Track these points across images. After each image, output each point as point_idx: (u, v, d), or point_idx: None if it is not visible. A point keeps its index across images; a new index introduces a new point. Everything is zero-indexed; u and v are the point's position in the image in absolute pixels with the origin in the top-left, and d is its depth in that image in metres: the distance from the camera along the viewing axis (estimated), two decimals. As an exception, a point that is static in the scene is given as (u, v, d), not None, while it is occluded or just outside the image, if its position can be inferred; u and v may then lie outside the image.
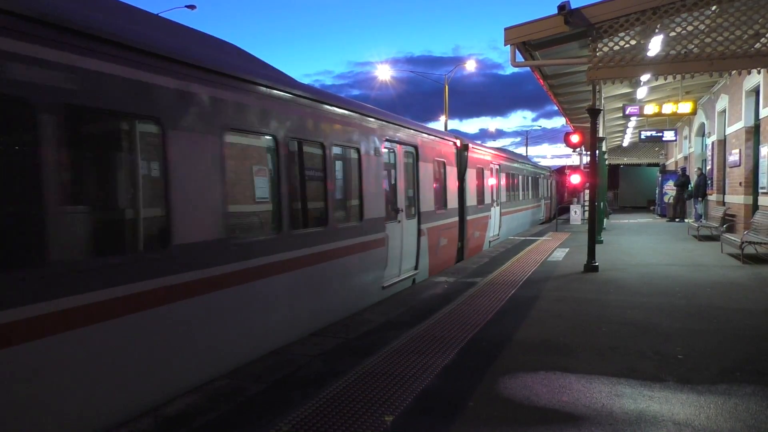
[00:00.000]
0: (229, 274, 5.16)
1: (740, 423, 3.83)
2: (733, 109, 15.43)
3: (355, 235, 7.68)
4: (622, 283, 9.08)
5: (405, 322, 6.73)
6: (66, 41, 3.73)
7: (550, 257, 12.47)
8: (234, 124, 5.35)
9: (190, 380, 4.67)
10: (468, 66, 34.26)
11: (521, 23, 9.83)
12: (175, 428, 3.94)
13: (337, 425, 3.90)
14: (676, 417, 3.93)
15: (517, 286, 8.98)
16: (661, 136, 20.68)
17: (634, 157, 37.59)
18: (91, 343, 3.83)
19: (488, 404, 4.22)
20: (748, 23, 8.69)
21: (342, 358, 5.43)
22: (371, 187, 8.15)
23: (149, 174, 4.56)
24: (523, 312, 7.14)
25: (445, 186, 11.91)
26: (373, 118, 8.51)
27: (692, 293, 8.12)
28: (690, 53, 9.03)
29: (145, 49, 4.32)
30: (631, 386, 4.53)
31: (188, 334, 4.70)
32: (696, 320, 6.60)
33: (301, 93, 6.54)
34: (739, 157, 14.58)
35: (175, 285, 4.54)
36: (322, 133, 6.96)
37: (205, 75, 4.97)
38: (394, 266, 9.13)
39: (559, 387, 4.54)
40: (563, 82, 14.76)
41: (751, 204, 13.91)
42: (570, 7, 9.10)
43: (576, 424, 3.85)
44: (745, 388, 4.45)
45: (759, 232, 11.30)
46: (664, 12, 9.05)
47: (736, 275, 9.62)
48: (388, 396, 4.40)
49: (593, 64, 9.48)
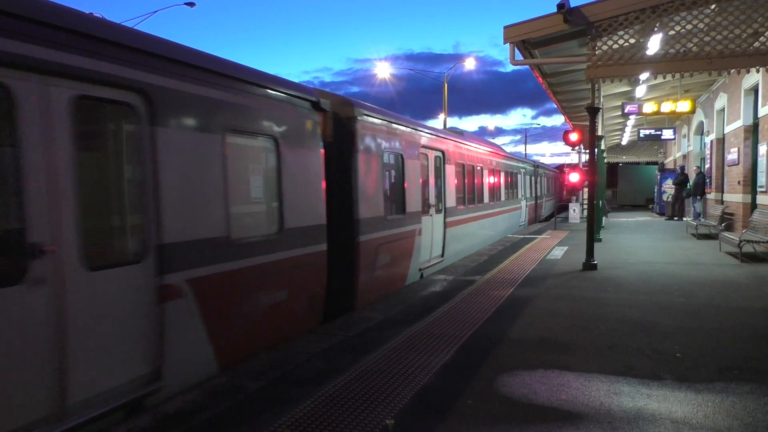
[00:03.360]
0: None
1: (737, 421, 3.85)
2: (731, 108, 15.44)
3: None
4: (620, 281, 9.10)
5: (404, 320, 6.74)
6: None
7: (548, 255, 12.49)
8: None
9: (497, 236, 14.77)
10: (468, 64, 34.21)
11: (520, 21, 9.82)
12: (174, 426, 3.95)
13: (336, 423, 3.91)
14: (674, 415, 3.95)
15: (515, 284, 8.99)
16: (660, 134, 20.69)
17: (632, 155, 37.57)
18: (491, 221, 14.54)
19: (487, 402, 4.23)
20: (747, 22, 8.69)
21: (341, 355, 5.44)
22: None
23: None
24: (522, 310, 7.15)
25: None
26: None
27: (690, 292, 8.14)
28: (689, 52, 9.03)
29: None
30: (629, 384, 4.54)
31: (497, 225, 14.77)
32: (694, 319, 6.62)
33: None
34: (737, 156, 14.59)
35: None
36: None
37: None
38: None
39: (558, 385, 4.55)
40: (562, 81, 14.75)
41: (749, 202, 13.93)
42: (569, 6, 9.09)
43: (574, 422, 3.87)
44: (742, 386, 4.46)
45: (757, 231, 11.32)
46: (663, 10, 9.04)
47: (734, 274, 9.64)
48: (387, 394, 4.41)
49: (592, 63, 9.48)
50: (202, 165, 4.91)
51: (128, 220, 4.47)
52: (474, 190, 14.40)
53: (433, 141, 11.31)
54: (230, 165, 5.22)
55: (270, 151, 6.00)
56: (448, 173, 12.10)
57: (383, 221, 8.56)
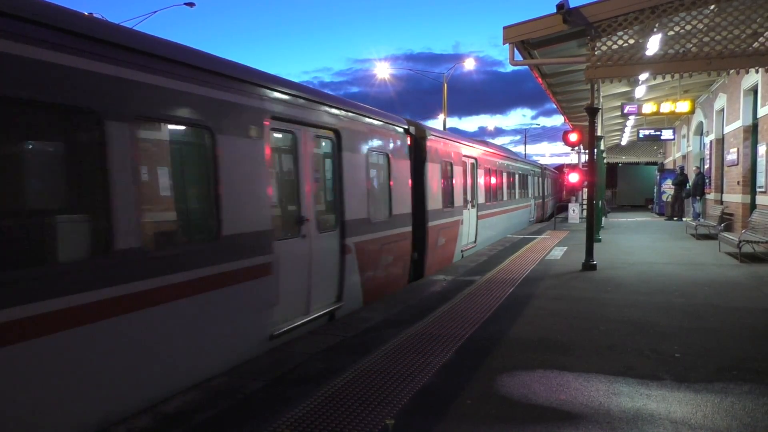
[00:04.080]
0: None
1: (737, 421, 3.85)
2: (731, 108, 15.45)
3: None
4: (620, 281, 9.10)
5: (403, 320, 6.74)
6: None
7: (548, 255, 12.49)
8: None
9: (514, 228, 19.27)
10: (467, 64, 34.23)
11: (520, 22, 9.82)
12: (174, 426, 3.95)
13: (336, 423, 3.91)
14: (673, 415, 3.95)
15: (515, 284, 9.00)
16: (660, 134, 20.72)
17: (632, 155, 37.57)
18: (509, 215, 18.81)
19: (486, 402, 4.23)
20: (747, 22, 8.70)
21: (340, 355, 5.44)
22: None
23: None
24: (521, 310, 7.16)
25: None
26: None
27: (690, 292, 8.15)
28: (688, 52, 9.04)
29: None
30: (628, 385, 4.54)
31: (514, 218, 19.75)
32: (693, 319, 6.62)
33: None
34: (737, 156, 14.60)
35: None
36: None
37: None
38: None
39: (557, 385, 4.56)
40: (562, 81, 14.76)
41: (748, 203, 13.93)
42: (569, 6, 9.09)
43: (573, 422, 3.87)
44: (741, 386, 4.47)
45: (756, 231, 11.33)
46: (662, 11, 9.05)
47: (733, 274, 9.65)
48: (387, 394, 4.41)
49: (592, 63, 9.49)
50: (359, 173, 7.90)
51: (331, 207, 7.44)
52: (498, 189, 17.68)
53: (470, 150, 14.44)
54: (369, 173, 8.28)
55: (386, 163, 9.09)
56: (480, 176, 15.22)
57: (442, 212, 11.56)
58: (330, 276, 7.16)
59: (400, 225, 9.33)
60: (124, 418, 4.08)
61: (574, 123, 20.65)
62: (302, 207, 6.53)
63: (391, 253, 8.98)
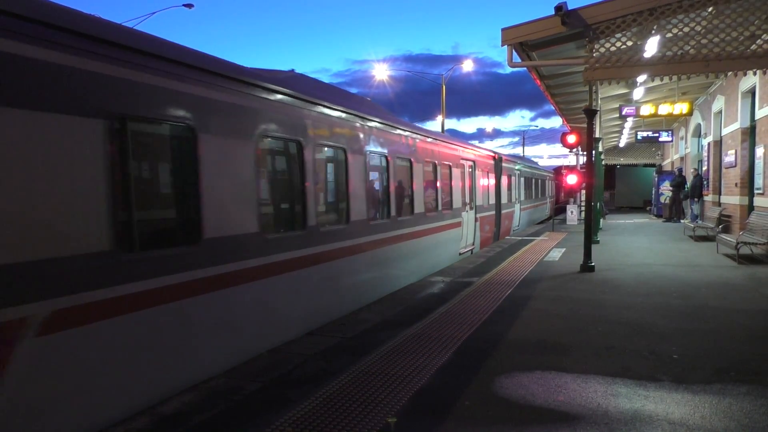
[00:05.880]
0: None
1: (734, 422, 3.86)
2: (729, 110, 15.49)
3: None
4: (618, 283, 9.11)
5: (401, 322, 6.74)
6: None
7: (546, 257, 12.51)
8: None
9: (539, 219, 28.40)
10: (466, 65, 34.34)
11: (518, 24, 9.84)
12: (172, 427, 3.95)
13: (335, 424, 3.91)
14: (671, 416, 3.96)
15: (513, 285, 9.01)
16: (658, 136, 20.76)
17: (630, 157, 37.60)
18: (533, 210, 26.56)
19: (484, 404, 4.24)
20: (744, 25, 8.72)
21: (338, 357, 5.44)
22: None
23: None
24: (519, 312, 7.16)
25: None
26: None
27: (688, 293, 8.16)
28: (686, 54, 9.06)
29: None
30: (626, 386, 4.55)
31: (536, 212, 27.94)
32: (691, 320, 6.63)
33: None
34: (734, 158, 14.63)
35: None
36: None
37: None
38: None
39: (555, 386, 4.56)
40: (560, 83, 14.79)
41: (746, 205, 13.96)
42: (567, 8, 9.11)
43: (571, 423, 3.87)
44: (739, 387, 4.48)
45: (754, 233, 11.35)
46: (660, 13, 9.07)
47: (731, 275, 9.66)
48: (385, 395, 4.41)
49: (590, 65, 9.51)
50: (488, 182, 16.55)
51: (473, 197, 14.69)
52: (529, 190, 25.23)
53: (516, 163, 21.82)
54: (489, 182, 16.75)
55: (492, 175, 17.01)
56: (522, 182, 22.86)
57: (506, 205, 18.92)
58: (472, 232, 14.41)
59: (490, 210, 16.79)
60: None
61: (573, 125, 20.68)
62: (469, 197, 14.15)
63: (489, 224, 16.62)
